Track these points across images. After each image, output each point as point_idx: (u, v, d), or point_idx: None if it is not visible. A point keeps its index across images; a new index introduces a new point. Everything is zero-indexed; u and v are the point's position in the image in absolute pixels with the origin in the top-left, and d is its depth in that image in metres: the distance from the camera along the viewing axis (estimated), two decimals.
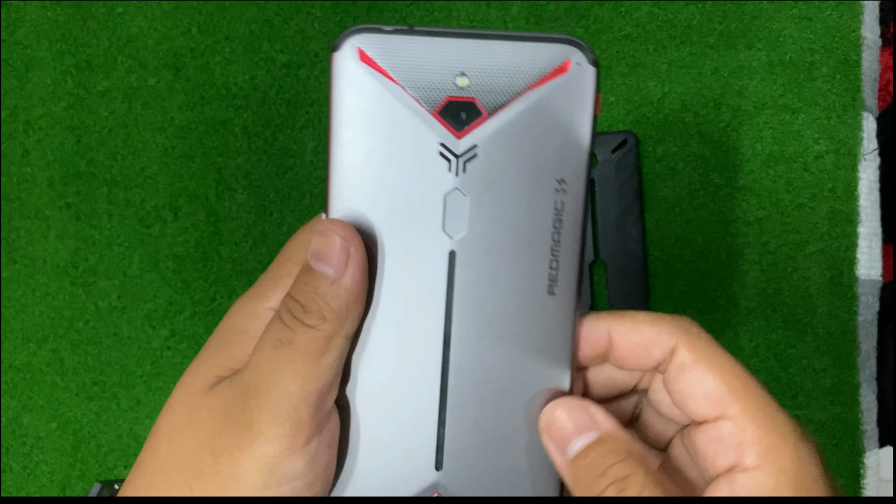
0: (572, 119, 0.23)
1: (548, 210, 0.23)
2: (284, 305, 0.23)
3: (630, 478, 0.22)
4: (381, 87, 0.23)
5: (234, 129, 0.55)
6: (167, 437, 0.24)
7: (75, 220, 0.56)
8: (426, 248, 0.24)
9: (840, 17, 0.52)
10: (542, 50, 0.23)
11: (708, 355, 0.23)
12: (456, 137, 0.23)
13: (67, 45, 0.56)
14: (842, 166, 0.52)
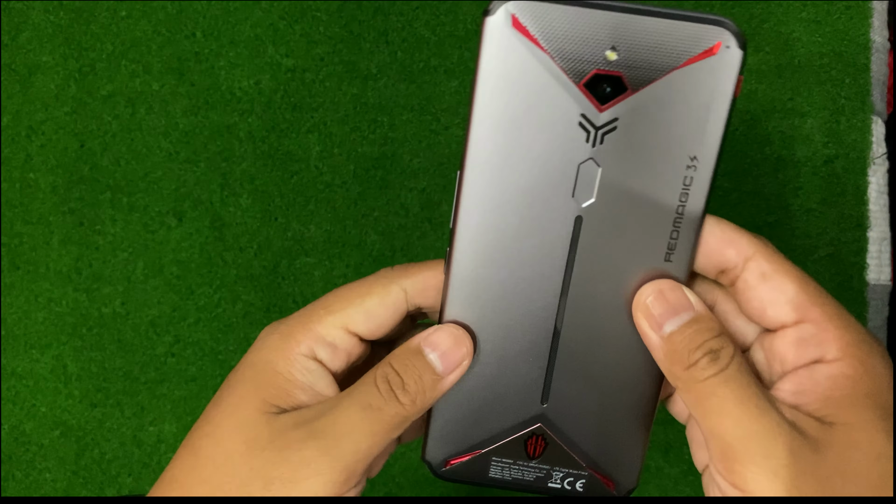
0: (713, 99, 0.24)
1: (676, 184, 0.25)
2: (384, 374, 0.26)
3: (723, 350, 0.24)
4: (531, 56, 0.23)
5: (239, 133, 0.55)
6: (213, 460, 0.26)
7: (78, 226, 0.55)
8: (554, 211, 0.25)
9: (849, 20, 0.52)
10: (695, 30, 0.23)
11: (785, 266, 0.25)
12: (598, 111, 0.24)
13: (70, 49, 0.56)
14: (851, 170, 0.52)
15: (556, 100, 0.24)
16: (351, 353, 0.28)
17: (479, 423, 0.28)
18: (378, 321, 0.27)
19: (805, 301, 0.24)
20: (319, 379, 0.27)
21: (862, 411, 0.23)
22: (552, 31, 0.23)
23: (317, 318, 0.27)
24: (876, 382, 0.24)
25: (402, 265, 0.28)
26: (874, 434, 0.23)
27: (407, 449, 0.54)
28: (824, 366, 0.24)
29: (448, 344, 0.26)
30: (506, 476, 0.29)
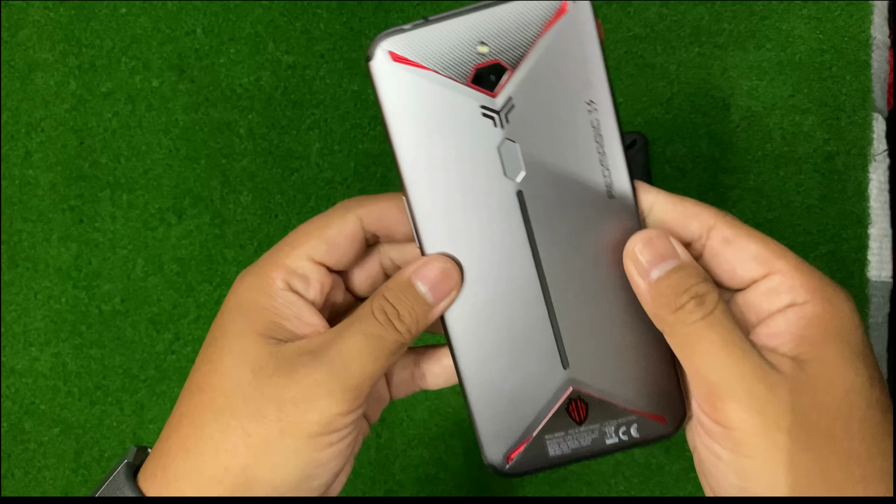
0: (583, 48, 0.26)
1: (587, 129, 0.27)
2: (380, 306, 0.28)
3: (708, 295, 0.26)
4: (419, 77, 0.26)
5: (240, 130, 0.55)
6: (223, 391, 0.27)
7: (78, 223, 0.55)
8: (497, 195, 0.27)
9: (850, 17, 0.52)
10: (539, 1, 0.26)
11: (745, 229, 0.27)
12: (492, 97, 0.27)
13: (70, 46, 0.56)
14: (852, 167, 0.52)
15: (455, 104, 0.27)
16: (323, 283, 0.29)
17: (519, 410, 0.29)
18: (340, 250, 0.29)
19: (769, 256, 0.26)
20: (302, 308, 0.29)
21: (832, 347, 0.25)
22: (426, 51, 0.26)
23: (284, 254, 0.29)
24: (843, 321, 0.26)
25: (359, 196, 0.30)
26: (845, 368, 0.25)
27: (407, 447, 0.54)
28: (796, 308, 0.26)
29: (436, 276, 0.28)
30: (565, 450, 0.30)
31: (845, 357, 0.25)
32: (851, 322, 0.26)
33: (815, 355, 0.25)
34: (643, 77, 0.53)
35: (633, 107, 0.53)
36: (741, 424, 0.25)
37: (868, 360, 0.25)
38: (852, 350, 0.25)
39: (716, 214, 0.27)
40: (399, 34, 0.26)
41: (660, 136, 0.53)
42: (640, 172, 0.52)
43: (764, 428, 0.24)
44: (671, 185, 0.53)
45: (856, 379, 0.25)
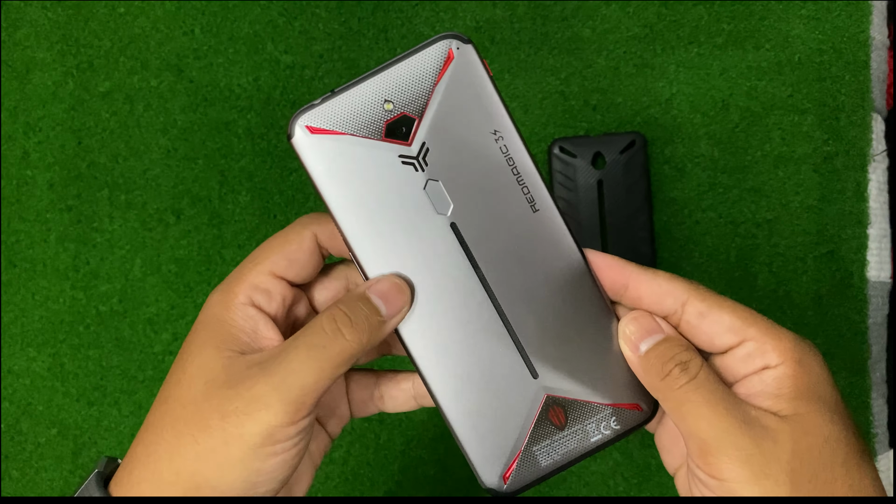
0: (476, 86, 0.29)
1: (498, 156, 0.29)
2: (331, 315, 0.29)
3: (691, 361, 0.28)
4: (339, 143, 0.29)
5: (238, 130, 0.54)
6: (180, 401, 0.29)
7: (76, 223, 0.55)
8: (434, 232, 0.30)
9: (849, 17, 0.52)
10: (430, 53, 0.29)
11: (717, 301, 0.29)
12: (407, 146, 0.29)
13: (68, 45, 0.55)
14: (851, 167, 0.52)
15: (375, 158, 0.29)
16: (285, 297, 0.31)
17: (502, 428, 0.31)
18: (299, 264, 0.31)
19: (741, 325, 0.29)
20: (259, 322, 0.30)
21: (807, 402, 0.28)
22: (338, 119, 0.29)
23: (247, 271, 0.31)
24: (814, 378, 0.28)
25: (315, 213, 0.32)
26: (820, 421, 0.27)
27: (407, 448, 0.54)
28: (770, 370, 0.28)
29: (391, 291, 0.30)
30: (555, 457, 0.31)
31: (820, 410, 0.27)
32: (821, 378, 0.28)
33: (793, 411, 0.27)
34: (642, 77, 0.53)
35: (631, 107, 0.53)
36: (731, 475, 0.27)
37: (841, 410, 0.28)
38: (825, 403, 0.28)
39: (687, 289, 0.29)
40: (311, 109, 0.29)
41: (659, 137, 0.53)
42: (639, 172, 0.52)
43: (752, 477, 0.27)
44: (670, 185, 0.53)
45: (832, 428, 0.27)
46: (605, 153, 0.52)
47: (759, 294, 0.52)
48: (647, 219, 0.52)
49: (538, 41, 0.53)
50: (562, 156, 0.52)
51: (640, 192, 0.52)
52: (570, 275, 0.30)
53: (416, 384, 0.33)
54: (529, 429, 0.31)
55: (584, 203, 0.52)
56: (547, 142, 0.53)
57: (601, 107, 0.53)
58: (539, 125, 0.53)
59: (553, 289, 0.30)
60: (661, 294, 0.29)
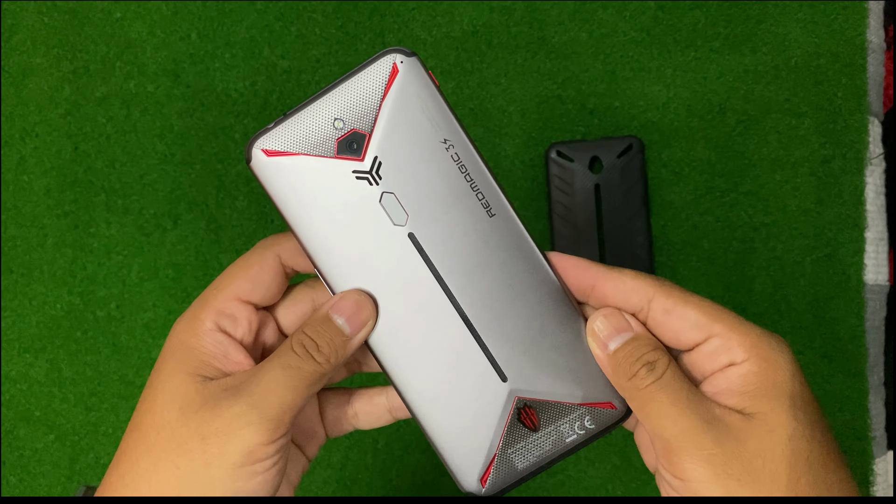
0: (423, 97, 0.29)
1: (450, 164, 0.30)
2: (299, 340, 0.30)
3: (659, 361, 0.28)
4: (294, 163, 0.29)
5: (235, 135, 0.54)
6: (154, 428, 0.29)
7: (73, 229, 0.55)
8: (392, 244, 0.30)
9: (845, 20, 0.52)
10: (374, 69, 0.29)
11: (683, 297, 0.29)
12: (360, 161, 0.30)
13: (65, 50, 0.55)
14: (848, 171, 0.52)
15: (330, 175, 0.30)
16: (251, 321, 0.31)
17: (476, 433, 0.31)
18: (263, 286, 0.31)
19: (706, 321, 0.28)
20: (229, 347, 0.30)
21: (772, 400, 0.27)
22: (291, 140, 0.29)
23: (212, 297, 0.31)
24: (779, 374, 0.28)
25: (276, 234, 0.32)
26: (784, 419, 0.27)
27: (405, 452, 0.54)
28: (735, 367, 0.28)
29: (352, 309, 0.30)
30: (531, 459, 0.32)
31: (784, 407, 0.27)
32: (788, 373, 0.28)
33: (758, 409, 0.27)
34: (639, 81, 0.53)
35: (628, 111, 0.53)
36: (693, 475, 0.27)
37: (808, 405, 0.28)
38: (791, 399, 0.28)
39: (653, 285, 0.29)
40: (266, 133, 0.29)
41: (656, 140, 0.53)
42: (636, 176, 0.52)
43: (714, 476, 0.27)
44: (667, 189, 0.53)
45: (797, 425, 0.27)
46: (603, 157, 0.52)
47: (756, 297, 0.52)
48: (644, 223, 0.52)
49: (535, 45, 0.53)
50: (559, 160, 0.52)
51: (637, 196, 0.52)
52: (532, 277, 0.31)
53: (390, 397, 0.34)
54: (503, 432, 0.31)
55: (581, 207, 0.52)
56: (544, 146, 0.53)
57: (598, 111, 0.53)
58: (536, 129, 0.53)
59: (516, 292, 0.31)
60: (627, 291, 0.30)
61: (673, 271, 0.52)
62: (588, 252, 0.52)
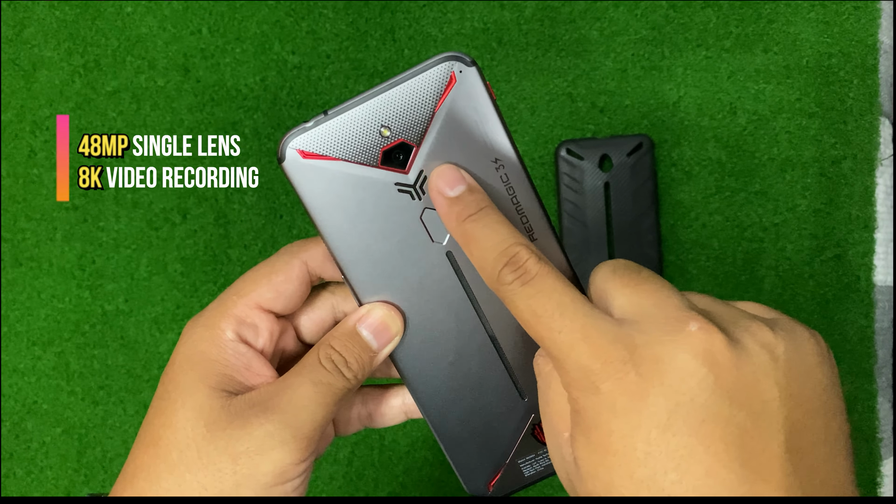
0: (479, 112, 0.28)
1: (499, 184, 0.28)
2: (327, 354, 0.29)
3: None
4: (332, 168, 0.28)
5: (245, 130, 0.54)
6: (177, 446, 0.27)
7: (82, 222, 0.55)
8: (430, 261, 0.29)
9: (857, 21, 0.52)
10: (430, 76, 0.27)
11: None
12: (404, 174, 0.28)
13: (75, 44, 0.55)
14: (858, 171, 0.52)
15: (370, 186, 0.28)
16: (272, 331, 0.30)
17: (489, 443, 0.32)
18: (287, 295, 0.30)
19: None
20: (252, 359, 0.29)
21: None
22: (331, 143, 0.27)
23: (232, 304, 0.29)
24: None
25: (301, 240, 0.30)
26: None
27: (411, 449, 0.54)
28: None
29: (380, 324, 0.29)
30: (538, 468, 0.32)
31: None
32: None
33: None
34: (650, 80, 0.53)
35: (639, 110, 0.53)
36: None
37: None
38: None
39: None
40: (303, 133, 0.27)
41: (666, 139, 0.53)
42: (646, 175, 0.52)
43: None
44: (677, 188, 0.52)
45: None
46: (612, 155, 0.52)
47: (765, 298, 0.52)
48: (653, 221, 0.52)
49: (546, 43, 0.53)
50: (569, 158, 0.52)
51: (646, 195, 0.52)
52: None
53: (406, 400, 0.33)
54: (516, 445, 0.32)
55: (590, 205, 0.52)
56: (554, 144, 0.53)
57: (608, 109, 0.53)
58: (546, 127, 0.53)
59: None
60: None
61: (682, 270, 0.52)
62: (597, 250, 0.52)
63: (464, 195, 0.27)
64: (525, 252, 0.26)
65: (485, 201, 0.28)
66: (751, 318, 0.25)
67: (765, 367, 0.24)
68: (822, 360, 0.25)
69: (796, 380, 0.24)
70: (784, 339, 0.25)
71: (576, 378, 0.24)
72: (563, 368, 0.25)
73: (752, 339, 0.24)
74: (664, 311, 0.25)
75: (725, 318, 0.25)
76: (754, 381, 0.23)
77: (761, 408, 0.23)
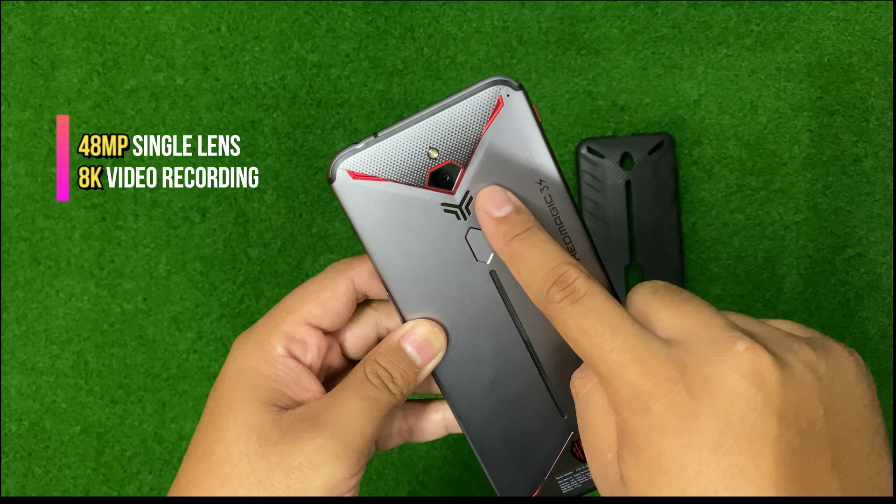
0: (524, 134, 0.28)
1: (542, 205, 0.29)
2: (374, 370, 0.29)
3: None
4: (381, 189, 0.28)
5: (264, 129, 0.54)
6: (229, 461, 0.28)
7: (101, 221, 0.55)
8: (474, 279, 0.30)
9: (878, 19, 0.52)
10: (477, 100, 0.28)
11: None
12: (451, 194, 0.29)
13: (94, 43, 0.55)
14: (880, 169, 0.52)
15: (417, 206, 0.29)
16: (320, 347, 0.31)
17: (528, 459, 0.32)
18: (334, 312, 0.31)
19: None
20: (301, 374, 0.30)
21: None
22: (381, 165, 0.28)
23: (281, 320, 0.30)
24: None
25: (348, 259, 0.31)
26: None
27: (431, 447, 0.53)
28: None
29: (424, 340, 0.30)
30: (576, 485, 0.33)
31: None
32: None
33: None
34: (670, 78, 0.53)
35: (659, 108, 0.53)
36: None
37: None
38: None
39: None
40: (354, 154, 0.28)
41: (687, 138, 0.53)
42: (667, 173, 0.52)
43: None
44: (697, 186, 0.52)
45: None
46: (633, 154, 0.52)
47: (786, 296, 0.52)
48: (674, 220, 0.52)
49: (566, 41, 0.53)
50: (589, 156, 0.52)
51: (667, 193, 0.52)
52: None
53: (446, 415, 0.34)
54: (554, 462, 0.32)
55: (611, 204, 0.52)
56: (574, 142, 0.53)
57: (629, 107, 0.53)
58: (566, 125, 0.53)
59: None
60: None
61: (703, 269, 0.52)
62: (618, 249, 0.52)
63: (510, 215, 0.28)
64: (573, 271, 0.26)
65: (531, 221, 0.28)
66: (793, 338, 0.25)
67: (810, 386, 0.24)
68: (862, 378, 0.26)
69: (839, 398, 0.24)
70: (825, 357, 0.25)
71: (626, 398, 0.24)
72: (612, 388, 0.25)
73: (796, 359, 0.24)
74: (710, 331, 0.25)
75: (768, 337, 0.25)
76: (801, 401, 0.24)
77: (808, 426, 0.23)
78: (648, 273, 0.52)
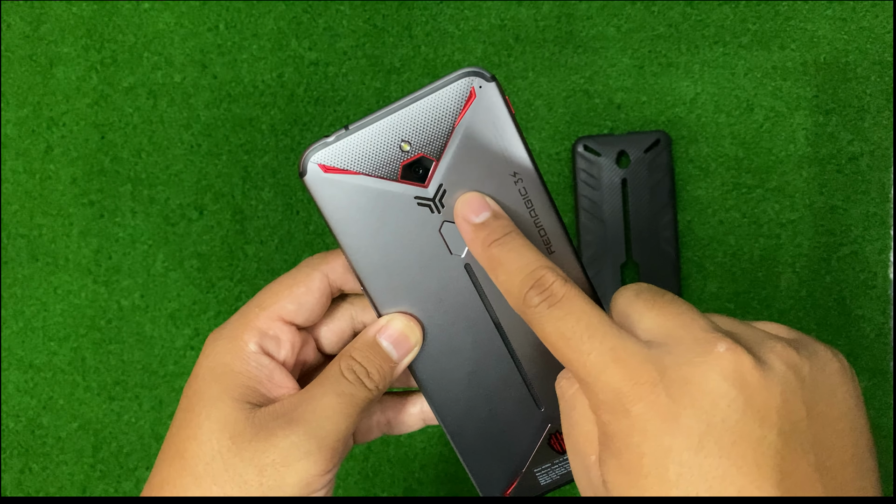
0: (498, 126, 0.28)
1: (517, 197, 0.29)
2: (349, 365, 0.29)
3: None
4: (353, 182, 0.28)
5: (262, 126, 0.55)
6: (202, 459, 0.28)
7: (98, 218, 0.55)
8: (449, 273, 0.30)
9: (875, 17, 0.52)
10: (450, 91, 0.28)
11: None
12: (424, 188, 0.28)
13: (92, 40, 0.55)
14: (876, 168, 0.52)
15: (390, 200, 0.28)
16: (294, 343, 0.30)
17: (506, 452, 0.32)
18: (308, 307, 0.30)
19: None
20: (274, 371, 0.30)
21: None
22: (352, 158, 0.28)
23: (254, 316, 0.30)
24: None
25: (322, 253, 0.31)
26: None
27: (427, 444, 0.54)
28: None
29: (400, 334, 0.30)
30: (554, 477, 0.33)
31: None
32: None
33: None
34: (666, 76, 0.53)
35: (656, 106, 0.53)
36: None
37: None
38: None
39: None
40: (325, 148, 0.28)
41: (683, 136, 0.53)
42: (663, 172, 0.52)
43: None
44: (694, 184, 0.53)
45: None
46: (630, 152, 0.52)
47: (782, 294, 0.52)
48: (670, 218, 0.52)
49: (563, 39, 0.53)
50: (586, 154, 0.52)
51: (664, 191, 0.52)
52: None
53: (424, 407, 0.34)
54: (532, 454, 0.32)
55: (608, 202, 0.52)
56: (571, 140, 0.53)
57: (625, 105, 0.53)
58: (563, 123, 0.53)
59: None
60: None
61: (699, 267, 0.52)
62: (614, 246, 0.52)
63: (489, 221, 0.28)
64: (551, 274, 0.26)
65: (509, 227, 0.28)
66: (775, 339, 0.25)
67: (792, 387, 0.24)
68: (847, 380, 0.25)
69: (823, 399, 0.24)
70: (808, 359, 0.25)
71: (605, 400, 0.24)
72: (591, 391, 0.25)
73: (778, 360, 0.24)
74: (691, 332, 0.25)
75: (750, 339, 0.25)
76: (783, 402, 0.23)
77: (791, 428, 0.23)
78: (644, 271, 0.52)
